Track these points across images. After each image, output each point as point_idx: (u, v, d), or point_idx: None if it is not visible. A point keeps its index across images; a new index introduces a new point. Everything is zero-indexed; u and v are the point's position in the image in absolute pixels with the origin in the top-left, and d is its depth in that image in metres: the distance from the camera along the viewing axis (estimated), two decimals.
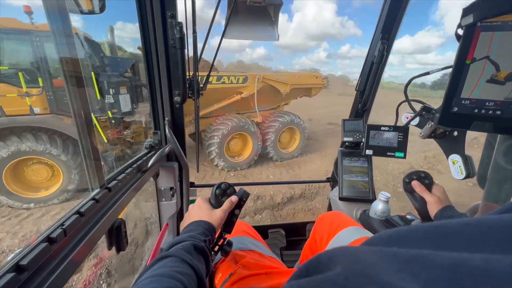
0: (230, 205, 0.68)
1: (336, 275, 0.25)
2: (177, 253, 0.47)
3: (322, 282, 0.25)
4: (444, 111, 0.78)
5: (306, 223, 1.74)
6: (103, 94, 3.71)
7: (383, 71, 1.38)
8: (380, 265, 0.24)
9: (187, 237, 0.53)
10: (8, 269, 0.40)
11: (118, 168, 0.87)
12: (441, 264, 0.20)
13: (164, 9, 0.99)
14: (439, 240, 0.25)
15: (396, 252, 0.24)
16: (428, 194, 0.86)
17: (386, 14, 1.24)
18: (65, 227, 0.51)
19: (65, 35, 0.56)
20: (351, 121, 1.42)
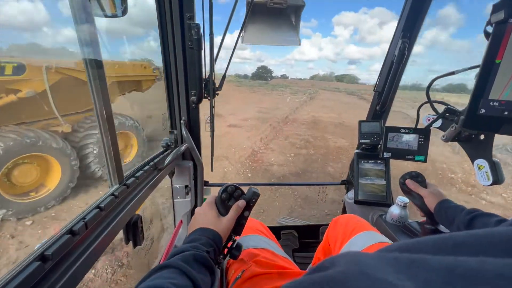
0: (237, 212, 0.65)
1: (336, 272, 0.26)
2: (175, 264, 0.45)
3: (323, 277, 0.27)
4: (470, 113, 0.74)
5: (320, 226, 1.71)
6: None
7: (403, 72, 1.33)
8: (379, 266, 0.25)
9: (189, 247, 0.51)
10: (35, 258, 0.43)
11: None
12: (438, 267, 0.21)
13: (182, 11, 1.02)
14: (448, 250, 0.25)
15: (397, 257, 0.25)
16: (422, 189, 0.94)
17: (408, 11, 1.19)
18: (86, 221, 0.54)
19: (90, 37, 0.58)
20: (368, 122, 1.38)
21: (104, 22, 0.76)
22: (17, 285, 0.37)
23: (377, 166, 1.33)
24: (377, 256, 0.27)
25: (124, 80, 4.81)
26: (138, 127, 4.82)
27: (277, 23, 4.27)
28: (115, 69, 4.51)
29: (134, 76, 5.02)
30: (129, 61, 5.37)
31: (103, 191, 6.39)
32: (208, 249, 0.53)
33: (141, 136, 4.93)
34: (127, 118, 4.67)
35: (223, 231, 0.60)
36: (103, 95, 0.63)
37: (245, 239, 0.87)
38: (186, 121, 1.21)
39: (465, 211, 0.75)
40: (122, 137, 4.63)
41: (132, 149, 4.92)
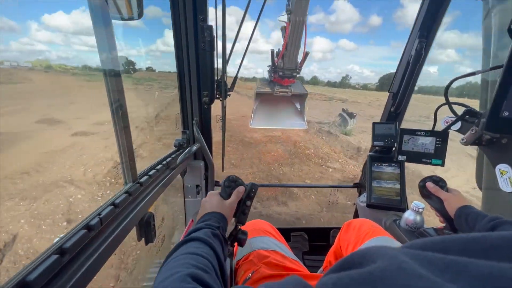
0: (237, 196, 0.72)
1: (373, 268, 0.26)
2: (199, 237, 0.52)
3: (362, 274, 0.26)
4: (492, 115, 0.71)
5: (330, 229, 1.69)
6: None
7: (419, 73, 1.28)
8: (416, 266, 0.24)
9: (204, 225, 0.59)
10: (53, 251, 0.45)
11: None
12: (479, 273, 0.20)
13: (196, 13, 1.03)
14: (478, 252, 0.24)
15: (431, 258, 0.24)
16: (443, 193, 0.89)
17: (426, 10, 1.16)
18: (101, 217, 0.56)
19: (107, 40, 0.60)
20: (382, 124, 1.34)
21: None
22: (37, 276, 0.39)
23: (391, 169, 1.30)
24: (412, 254, 0.27)
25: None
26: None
27: (284, 109, 4.52)
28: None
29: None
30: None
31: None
32: (218, 225, 0.60)
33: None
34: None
35: (225, 211, 0.68)
36: (119, 94, 0.65)
37: (254, 240, 0.87)
38: (198, 121, 1.23)
39: (487, 218, 0.71)
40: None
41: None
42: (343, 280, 0.27)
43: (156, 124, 7.64)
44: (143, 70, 14.75)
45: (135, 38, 13.96)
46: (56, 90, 9.86)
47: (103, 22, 0.59)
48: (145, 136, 6.80)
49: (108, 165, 5.00)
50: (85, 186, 4.16)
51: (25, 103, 7.96)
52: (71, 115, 8.69)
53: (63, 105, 9.56)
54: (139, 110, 7.49)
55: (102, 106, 9.39)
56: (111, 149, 5.69)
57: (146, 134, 7.01)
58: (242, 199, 0.75)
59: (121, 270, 2.35)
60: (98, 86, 9.35)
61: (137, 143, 5.74)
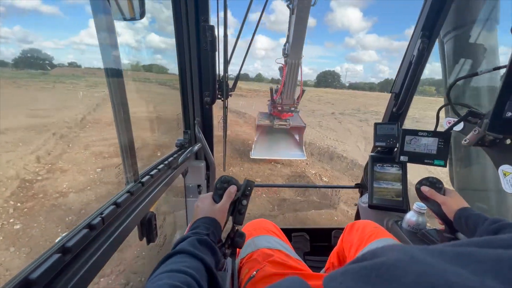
0: (228, 196, 0.69)
1: (386, 259, 0.27)
2: (183, 249, 0.50)
3: (373, 264, 0.28)
4: (495, 116, 0.71)
5: (332, 230, 1.68)
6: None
7: (422, 73, 1.28)
8: (427, 258, 0.25)
9: (190, 234, 0.56)
10: (56, 250, 0.45)
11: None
12: (484, 259, 0.22)
13: (198, 13, 1.04)
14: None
15: (442, 249, 0.26)
16: (439, 196, 0.88)
17: (428, 10, 1.15)
18: (103, 216, 0.56)
19: (110, 40, 0.61)
20: (384, 125, 1.34)
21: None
22: (39, 275, 0.39)
23: (393, 170, 1.29)
24: (422, 249, 0.28)
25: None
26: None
27: (283, 140, 4.62)
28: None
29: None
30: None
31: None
32: (207, 232, 0.58)
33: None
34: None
35: (217, 215, 0.65)
36: (121, 94, 0.66)
37: (258, 239, 0.87)
38: (200, 121, 1.23)
39: (489, 221, 0.69)
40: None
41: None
42: (354, 268, 0.28)
43: (82, 130, 6.35)
44: (64, 66, 12.65)
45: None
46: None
47: (105, 22, 0.59)
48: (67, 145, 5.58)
49: (13, 184, 3.83)
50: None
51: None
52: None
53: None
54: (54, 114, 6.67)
55: (7, 111, 7.24)
56: (17, 163, 4.40)
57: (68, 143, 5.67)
58: (237, 198, 0.72)
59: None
60: (1, 86, 7.90)
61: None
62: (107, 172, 4.48)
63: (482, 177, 1.38)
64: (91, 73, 13.82)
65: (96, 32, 0.59)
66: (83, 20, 20.51)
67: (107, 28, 0.60)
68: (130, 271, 2.32)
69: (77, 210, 3.43)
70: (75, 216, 3.29)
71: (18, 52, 8.63)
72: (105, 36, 0.60)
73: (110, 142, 5.79)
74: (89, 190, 3.90)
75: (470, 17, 1.19)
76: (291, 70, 5.36)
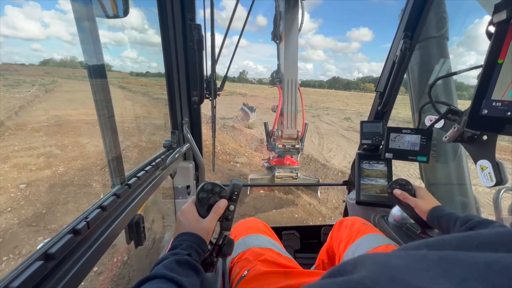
0: (216, 213, 0.62)
1: (362, 277, 0.25)
2: (159, 273, 0.46)
3: (348, 281, 0.25)
4: (472, 113, 0.74)
5: (321, 226, 1.71)
6: None
7: (405, 72, 1.32)
8: (410, 267, 0.24)
9: (169, 255, 0.52)
10: (38, 257, 0.43)
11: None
12: (474, 262, 0.20)
13: (184, 12, 1.02)
14: (472, 248, 0.25)
15: (425, 254, 0.25)
16: (411, 199, 0.87)
17: (410, 11, 1.19)
18: (88, 220, 0.54)
19: (92, 39, 0.59)
20: (369, 123, 1.37)
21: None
22: (20, 284, 0.38)
23: (379, 167, 1.33)
24: (405, 255, 0.26)
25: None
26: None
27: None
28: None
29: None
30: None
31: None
32: (189, 252, 0.53)
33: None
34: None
35: (203, 233, 0.59)
36: (105, 95, 0.64)
37: (249, 238, 0.88)
38: (188, 121, 1.22)
39: (460, 220, 0.69)
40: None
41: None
42: (329, 286, 0.27)
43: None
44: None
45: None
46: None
47: (87, 19, 0.57)
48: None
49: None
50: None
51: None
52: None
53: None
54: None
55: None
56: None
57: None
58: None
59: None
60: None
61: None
62: (34, 188, 3.68)
63: (448, 172, 1.49)
64: (12, 69, 11.86)
65: (77, 30, 0.57)
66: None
67: (89, 26, 0.58)
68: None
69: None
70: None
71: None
72: (87, 34, 0.58)
73: (39, 151, 4.90)
74: (9, 213, 3.13)
75: (428, 33, 1.34)
76: (288, 90, 4.64)
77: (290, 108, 4.72)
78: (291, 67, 4.53)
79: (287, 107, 4.72)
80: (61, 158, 4.67)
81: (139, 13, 1.96)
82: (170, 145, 1.16)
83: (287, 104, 4.69)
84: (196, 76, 1.12)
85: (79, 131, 6.10)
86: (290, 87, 4.60)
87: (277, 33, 4.58)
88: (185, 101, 1.19)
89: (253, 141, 9.47)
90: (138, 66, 5.62)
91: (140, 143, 3.41)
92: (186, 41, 1.06)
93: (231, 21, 1.21)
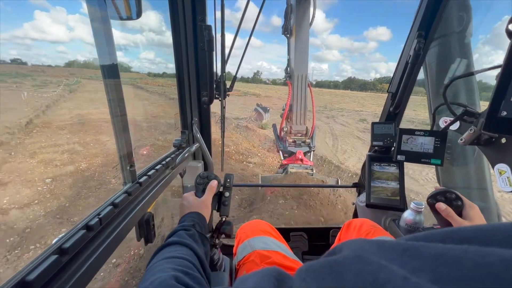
0: (210, 190, 0.74)
1: (339, 256, 0.30)
2: (174, 241, 0.55)
3: (329, 261, 0.30)
4: (490, 115, 0.71)
5: (330, 229, 1.69)
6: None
7: (418, 72, 1.29)
8: (378, 252, 0.27)
9: (179, 228, 0.61)
10: (53, 251, 0.45)
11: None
12: (426, 254, 0.22)
13: (195, 13, 1.03)
14: (456, 242, 0.25)
15: (395, 244, 0.27)
16: (456, 221, 0.73)
17: (424, 10, 1.16)
18: (101, 217, 0.56)
19: (106, 40, 0.60)
20: (381, 124, 1.34)
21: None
22: (36, 277, 0.39)
23: (390, 169, 1.30)
24: (376, 243, 0.29)
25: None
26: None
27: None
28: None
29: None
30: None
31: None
32: (193, 223, 0.63)
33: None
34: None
35: (201, 208, 0.70)
36: (118, 94, 0.65)
37: (254, 240, 0.87)
38: (198, 121, 1.23)
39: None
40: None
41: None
42: (314, 266, 0.31)
43: (28, 135, 5.39)
44: (6, 63, 9.79)
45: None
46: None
47: (101, 21, 0.59)
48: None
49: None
50: None
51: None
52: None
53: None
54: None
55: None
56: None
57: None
58: (220, 192, 0.77)
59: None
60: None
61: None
62: (58, 183, 3.88)
63: (467, 175, 1.42)
64: (40, 71, 12.42)
65: (92, 31, 0.59)
66: (25, 12, 17.95)
67: (104, 28, 0.59)
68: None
69: (21, 229, 2.92)
70: (18, 236, 2.80)
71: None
72: (102, 35, 0.59)
73: (63, 148, 5.19)
74: (36, 205, 3.30)
75: (449, 29, 1.27)
76: (298, 85, 4.55)
77: (299, 104, 4.64)
78: (301, 62, 4.44)
79: (297, 103, 4.64)
80: (83, 155, 4.92)
81: (156, 15, 2.00)
82: (180, 145, 1.17)
83: (296, 100, 4.62)
84: (206, 76, 1.13)
85: (100, 129, 6.48)
86: (300, 83, 4.52)
87: (288, 27, 4.49)
88: (195, 101, 1.20)
89: (266, 142, 9.47)
90: (156, 67, 5.70)
91: (156, 142, 3.52)
92: (197, 42, 1.08)
93: (241, 22, 1.21)
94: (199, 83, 1.17)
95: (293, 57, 4.49)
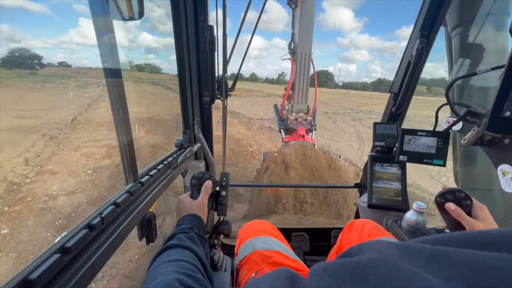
0: (205, 191, 0.73)
1: (361, 258, 0.29)
2: (173, 243, 0.55)
3: (349, 262, 0.29)
4: (494, 115, 0.71)
5: (332, 229, 1.68)
6: None
7: (420, 72, 1.28)
8: (404, 257, 0.26)
9: (177, 231, 0.61)
10: (55, 250, 0.45)
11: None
12: (458, 262, 0.21)
13: (197, 13, 1.04)
14: (477, 247, 0.25)
15: (421, 248, 0.26)
16: (467, 220, 0.70)
17: (427, 10, 1.15)
18: (103, 216, 0.56)
19: (109, 40, 0.61)
20: (383, 124, 1.34)
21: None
22: (39, 276, 0.39)
23: (392, 170, 1.29)
24: (404, 247, 0.28)
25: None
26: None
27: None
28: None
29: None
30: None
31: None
32: (191, 226, 0.63)
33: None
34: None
35: (197, 210, 0.69)
36: (120, 94, 0.66)
37: (256, 240, 0.87)
38: (199, 121, 1.23)
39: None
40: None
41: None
42: (334, 266, 0.30)
43: (73, 131, 5.90)
44: (54, 65, 12.22)
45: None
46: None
47: (104, 22, 0.59)
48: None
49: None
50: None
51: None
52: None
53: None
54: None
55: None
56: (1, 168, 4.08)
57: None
58: (216, 191, 0.76)
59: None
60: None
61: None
62: (98, 174, 4.40)
63: (487, 176, 1.34)
64: (82, 73, 13.84)
65: (95, 32, 0.59)
66: (71, 19, 20.09)
67: (106, 28, 0.59)
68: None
69: (67, 214, 3.34)
70: (65, 220, 3.19)
71: (6, 51, 8.01)
72: (104, 36, 0.60)
73: (102, 143, 5.74)
74: (79, 193, 3.77)
75: (479, 10, 1.15)
76: (301, 63, 4.46)
77: (301, 82, 4.62)
78: (305, 38, 4.33)
79: (299, 81, 4.62)
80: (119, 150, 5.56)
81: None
82: (181, 145, 1.17)
83: (298, 78, 4.59)
84: (207, 76, 1.13)
85: (134, 127, 6.89)
86: (303, 61, 4.47)
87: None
88: (197, 101, 1.20)
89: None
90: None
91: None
92: (199, 42, 1.08)
93: (243, 22, 1.21)
94: (200, 83, 1.17)
95: (297, 32, 4.39)
